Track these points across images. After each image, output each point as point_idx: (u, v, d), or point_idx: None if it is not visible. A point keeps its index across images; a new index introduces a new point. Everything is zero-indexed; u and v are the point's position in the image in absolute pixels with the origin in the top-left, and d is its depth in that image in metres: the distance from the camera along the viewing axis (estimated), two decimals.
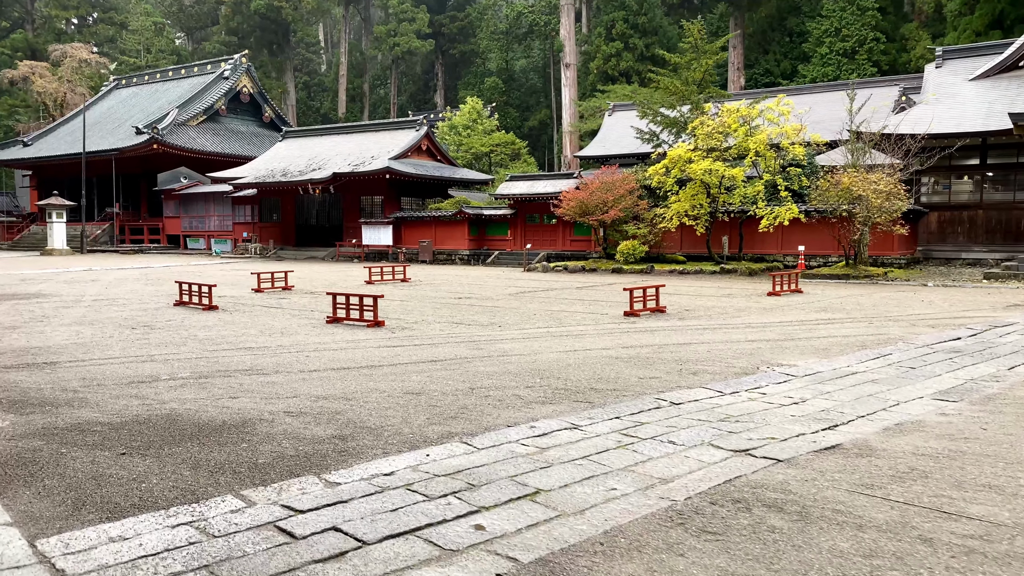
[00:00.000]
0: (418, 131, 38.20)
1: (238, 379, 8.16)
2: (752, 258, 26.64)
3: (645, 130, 30.00)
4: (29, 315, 14.38)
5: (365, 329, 12.23)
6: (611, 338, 10.97)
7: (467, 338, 11.05)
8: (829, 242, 25.64)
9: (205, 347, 10.40)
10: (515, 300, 17.00)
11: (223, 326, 12.65)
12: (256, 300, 17.21)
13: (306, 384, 7.87)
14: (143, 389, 7.71)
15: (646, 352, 9.64)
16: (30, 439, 5.88)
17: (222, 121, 50.95)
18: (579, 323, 12.81)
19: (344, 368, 8.75)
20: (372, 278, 22.52)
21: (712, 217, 25.69)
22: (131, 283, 22.36)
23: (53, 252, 41.80)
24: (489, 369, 8.58)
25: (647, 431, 5.87)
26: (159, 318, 13.91)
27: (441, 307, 15.51)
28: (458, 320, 13.31)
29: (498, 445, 5.54)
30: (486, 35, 75.40)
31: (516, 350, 9.90)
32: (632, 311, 13.71)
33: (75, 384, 7.98)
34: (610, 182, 27.18)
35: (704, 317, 13.51)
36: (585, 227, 30.86)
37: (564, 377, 8.08)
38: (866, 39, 57.37)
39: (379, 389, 7.58)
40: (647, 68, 60.90)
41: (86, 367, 8.94)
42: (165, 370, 8.69)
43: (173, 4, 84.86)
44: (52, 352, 10.03)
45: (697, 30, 28.96)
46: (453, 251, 34.20)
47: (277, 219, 41.10)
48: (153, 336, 11.49)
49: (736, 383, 7.73)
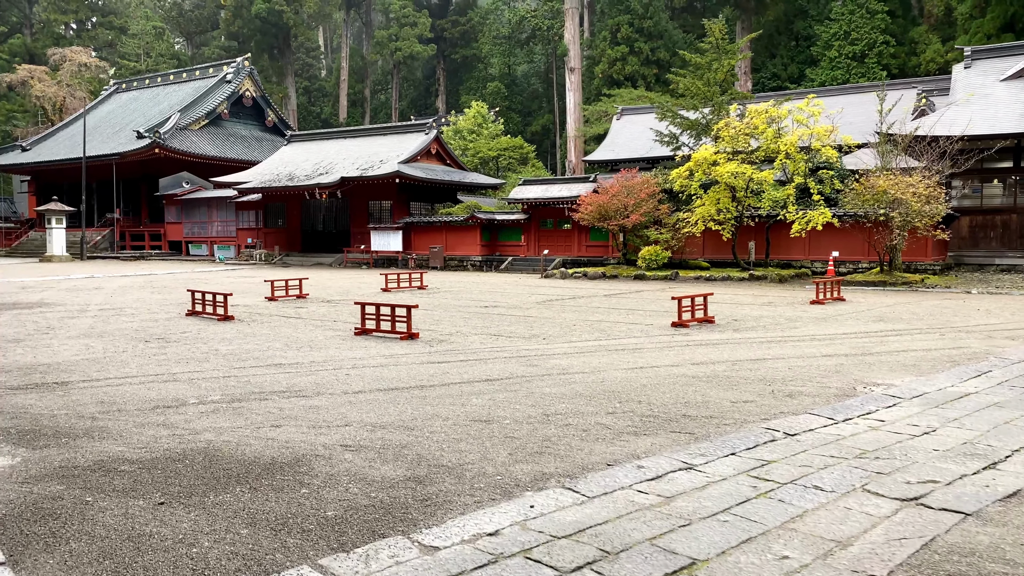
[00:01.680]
0: (427, 134, 37.33)
1: (276, 403, 7.24)
2: (778, 264, 25.77)
3: (664, 132, 29.14)
4: (33, 326, 13.44)
5: (398, 342, 11.31)
6: (673, 353, 10.06)
7: (514, 352, 10.14)
8: (859, 247, 24.79)
9: (230, 363, 9.47)
10: (545, 309, 16.09)
11: (244, 339, 11.72)
12: (272, 309, 16.28)
13: (355, 409, 6.95)
14: (171, 415, 6.79)
15: (721, 370, 8.74)
16: (48, 482, 4.96)
17: (224, 125, 50.04)
18: (627, 335, 11.90)
19: (392, 389, 7.83)
20: (388, 285, 21.60)
21: (738, 221, 24.82)
22: (137, 291, 21.42)
23: (52, 259, 40.80)
24: (554, 390, 7.66)
25: (780, 473, 4.96)
26: (173, 329, 12.97)
27: (471, 317, 14.60)
28: (495, 332, 12.40)
29: (610, 492, 4.62)
30: (488, 40, 74.68)
31: (575, 367, 8.99)
32: (681, 321, 12.81)
33: (92, 409, 7.05)
34: (630, 186, 26.30)
35: (759, 328, 12.61)
36: (601, 232, 29.96)
37: (645, 401, 7.17)
38: (876, 42, 56.73)
39: (439, 415, 6.66)
40: (652, 72, 60.40)
41: (102, 388, 8.01)
42: (192, 392, 7.77)
43: (173, 9, 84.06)
44: (62, 370, 9.10)
45: (718, 29, 28.14)
46: (465, 257, 33.29)
47: (282, 224, 40.16)
48: (171, 350, 10.56)
49: (843, 408, 6.83)
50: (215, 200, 42.81)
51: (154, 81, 56.30)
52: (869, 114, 31.64)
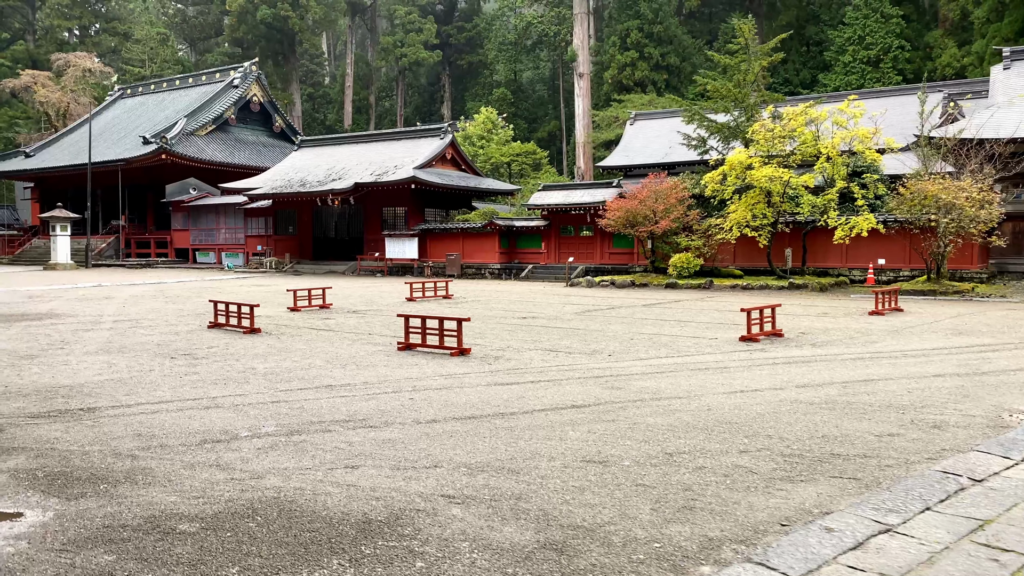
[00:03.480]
0: (443, 139, 36.40)
1: (342, 435, 6.24)
2: (814, 272, 24.78)
3: (692, 136, 28.19)
4: (46, 340, 12.44)
5: (450, 359, 10.32)
6: (765, 373, 9.06)
7: (585, 372, 9.14)
8: (899, 255, 23.85)
9: (274, 385, 8.48)
10: (588, 320, 15.10)
11: (279, 355, 10.73)
12: (298, 321, 15.28)
13: (437, 444, 5.95)
14: (222, 452, 5.79)
15: (834, 394, 7.74)
16: (93, 550, 3.96)
17: (231, 131, 49.11)
18: (697, 350, 10.91)
19: (469, 417, 6.83)
20: (413, 295, 20.61)
21: (774, 228, 23.85)
22: (149, 301, 20.43)
23: (57, 267, 39.82)
24: (658, 420, 6.67)
25: (1011, 538, 3.97)
26: (198, 344, 11.98)
27: (514, 329, 13.60)
28: (549, 346, 11.40)
29: (816, 569, 3.63)
30: (494, 46, 73.96)
31: (665, 390, 7.99)
32: (750, 335, 11.82)
33: (129, 444, 6.05)
34: (660, 190, 25.35)
35: (836, 343, 11.61)
36: (625, 239, 29.00)
37: (775, 435, 6.17)
38: (891, 47, 56.00)
39: (540, 453, 5.67)
40: (663, 77, 59.57)
41: (135, 416, 7.01)
42: (240, 421, 6.77)
43: (176, 15, 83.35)
44: (86, 392, 8.10)
45: (747, 29, 27.25)
46: (482, 265, 32.31)
47: (293, 232, 39.18)
48: (202, 369, 9.56)
49: (1010, 443, 5.83)
50: (223, 207, 41.84)
51: (159, 86, 55.43)
52: (894, 118, 30.80)
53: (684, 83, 60.61)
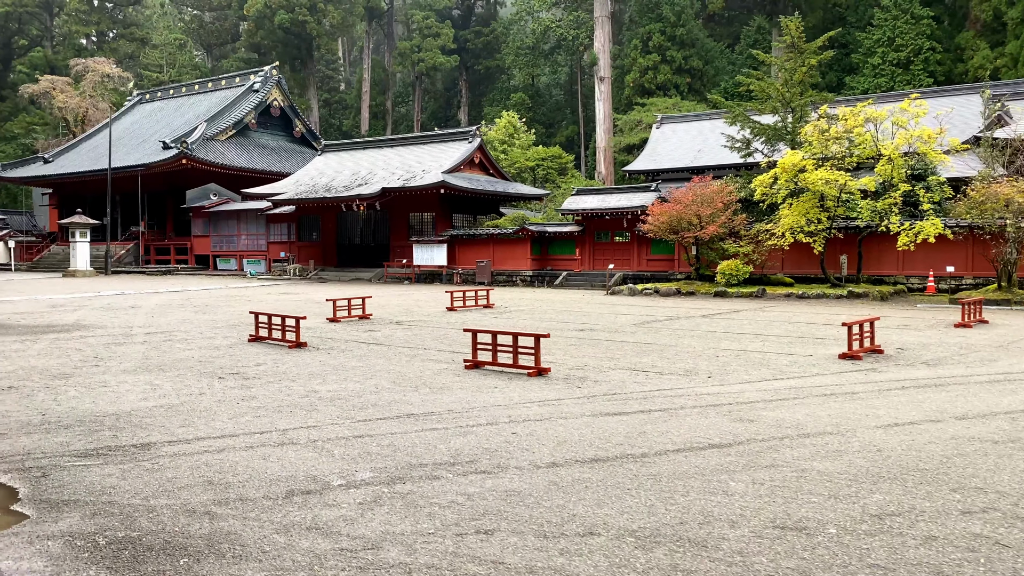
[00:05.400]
0: (471, 143, 35.43)
1: (454, 483, 5.19)
2: (868, 280, 23.59)
3: (737, 137, 27.07)
4: (78, 356, 11.48)
5: (529, 379, 9.26)
6: (904, 400, 7.94)
7: (695, 398, 8.06)
8: (960, 261, 22.65)
9: (346, 413, 7.44)
10: (653, 333, 14.01)
11: (337, 374, 9.70)
12: (342, 333, 14.27)
13: (574, 498, 4.88)
14: (318, 509, 4.75)
15: (1007, 428, 6.63)
16: None
17: (251, 136, 48.36)
18: (800, 370, 9.80)
19: (595, 460, 5.76)
20: (454, 304, 19.59)
21: (828, 233, 22.70)
22: (177, 311, 19.49)
23: (76, 273, 39.07)
24: (829, 467, 5.57)
25: None
26: (243, 360, 10.97)
27: (579, 344, 12.53)
28: (629, 364, 10.33)
29: None
30: (512, 50, 73.08)
31: (806, 424, 6.89)
32: (851, 352, 10.70)
33: (201, 495, 5.02)
34: (706, 194, 24.24)
35: (948, 362, 10.48)
36: (664, 245, 27.91)
37: (987, 487, 5.07)
38: (921, 48, 54.74)
39: (713, 514, 4.59)
40: (686, 81, 58.48)
41: (199, 455, 5.99)
42: (326, 464, 5.72)
43: (193, 21, 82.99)
44: (135, 423, 7.09)
45: (795, 26, 26.15)
46: (514, 272, 31.26)
47: (316, 238, 38.28)
48: (258, 392, 8.54)
49: None
50: (244, 212, 41.03)
51: (178, 91, 54.83)
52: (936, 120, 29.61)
53: (707, 86, 59.52)
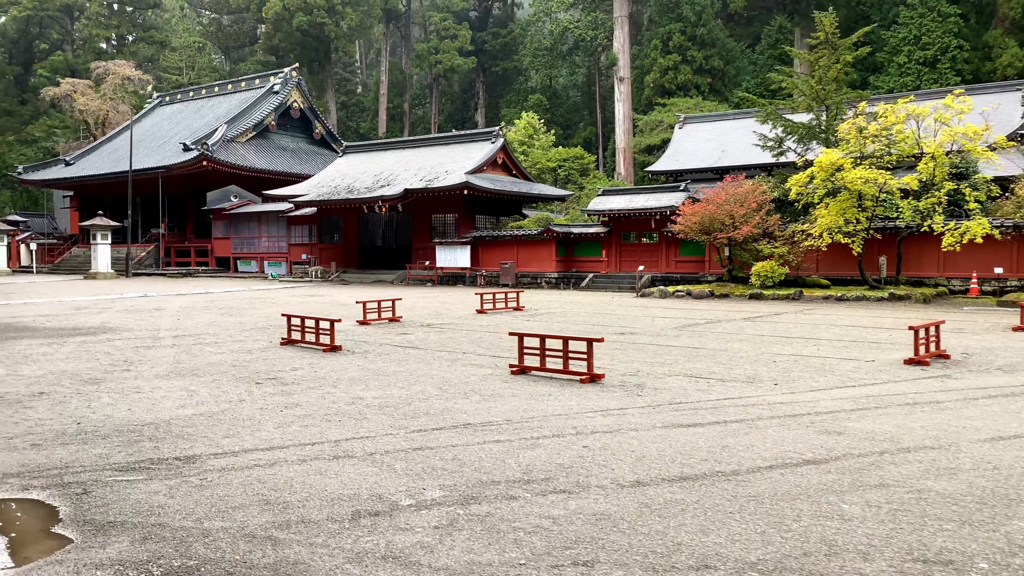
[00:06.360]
0: (494, 143, 34.98)
1: (534, 504, 4.69)
2: (907, 282, 22.89)
3: (770, 136, 26.42)
4: (107, 360, 11.10)
5: (582, 386, 8.76)
6: (998, 411, 7.37)
7: (768, 407, 7.52)
8: (1004, 262, 21.89)
9: (397, 422, 6.97)
10: (698, 337, 13.47)
11: (378, 380, 9.24)
12: (375, 336, 13.83)
13: (673, 524, 4.37)
14: (390, 534, 4.27)
15: None
16: None
17: (271, 137, 48.18)
18: (872, 377, 9.24)
19: (682, 478, 5.25)
20: (484, 307, 19.12)
21: (866, 234, 22.03)
22: (202, 313, 19.15)
23: (97, 276, 38.99)
24: (947, 487, 5.03)
25: None
26: (278, 365, 10.55)
27: (623, 348, 12.01)
28: (683, 371, 9.80)
29: None
30: (529, 51, 72.62)
31: (900, 437, 6.34)
32: (918, 357, 10.12)
33: (259, 516, 4.55)
34: (739, 194, 23.63)
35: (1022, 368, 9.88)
36: (694, 246, 27.31)
37: None
38: (948, 47, 53.75)
39: (836, 543, 4.07)
40: (707, 81, 57.76)
41: (250, 469, 5.53)
42: (388, 480, 5.25)
43: (211, 24, 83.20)
44: (176, 433, 6.65)
45: (829, 22, 25.51)
46: (538, 274, 30.75)
47: (338, 240, 37.95)
48: (301, 399, 8.09)
49: None
50: (265, 214, 40.80)
51: (198, 93, 54.81)
52: (972, 117, 28.84)
53: (728, 87, 58.82)
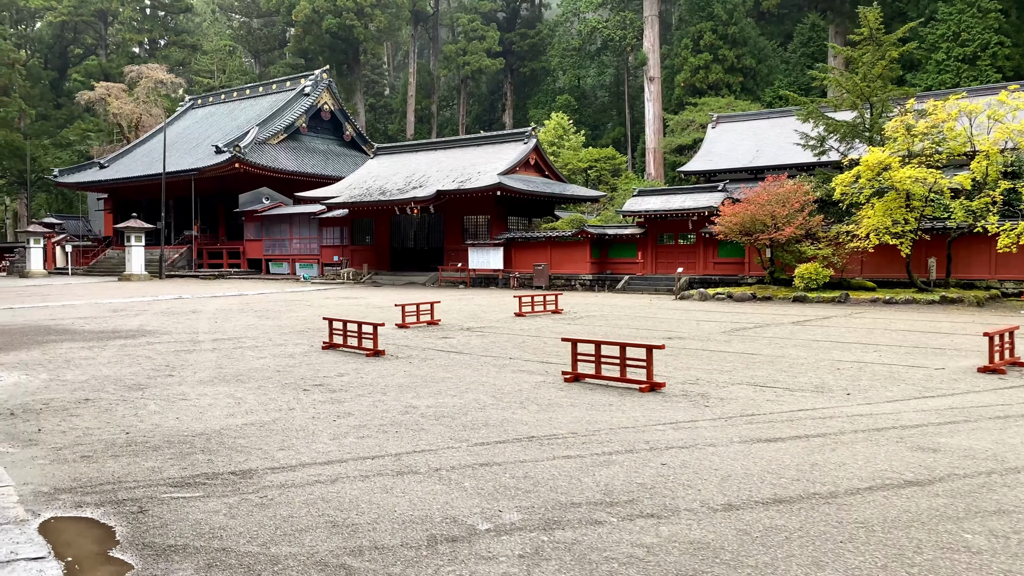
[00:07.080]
0: (526, 144, 34.66)
1: (622, 531, 4.33)
2: (957, 284, 22.14)
3: (811, 135, 25.75)
4: (149, 364, 10.94)
5: (641, 395, 8.38)
6: None
7: (848, 420, 7.07)
8: None
9: (457, 434, 6.64)
10: (749, 342, 12.99)
11: (428, 387, 8.93)
12: (417, 340, 13.55)
13: (783, 555, 3.99)
14: (474, 564, 3.93)
15: None
16: None
17: (302, 139, 48.32)
18: (948, 387, 8.73)
19: (776, 501, 4.85)
20: (523, 310, 18.78)
21: (915, 234, 21.33)
22: (239, 315, 19.04)
23: (132, 277, 39.33)
24: None
25: None
26: (322, 370, 10.30)
27: (675, 354, 11.59)
28: (744, 379, 9.37)
29: None
30: (557, 52, 72.21)
31: (1005, 456, 5.87)
32: (993, 365, 9.59)
33: (328, 541, 4.24)
34: (782, 194, 23.04)
35: None
36: (733, 247, 26.73)
37: None
38: (989, 43, 52.41)
39: None
40: (738, 80, 56.89)
41: (310, 486, 5.23)
42: (460, 499, 4.91)
43: (242, 28, 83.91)
44: (228, 444, 6.39)
45: (873, 17, 24.81)
46: (572, 276, 30.34)
47: (370, 241, 37.86)
48: (353, 408, 7.80)
49: None
50: (296, 216, 40.87)
51: (229, 96, 55.21)
52: None
53: (760, 85, 57.92)
